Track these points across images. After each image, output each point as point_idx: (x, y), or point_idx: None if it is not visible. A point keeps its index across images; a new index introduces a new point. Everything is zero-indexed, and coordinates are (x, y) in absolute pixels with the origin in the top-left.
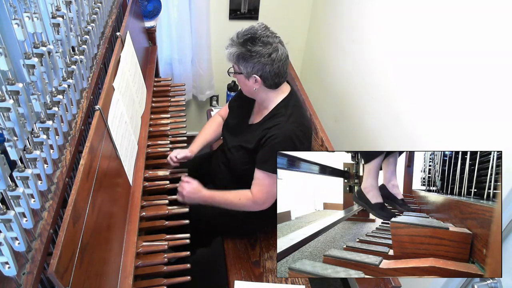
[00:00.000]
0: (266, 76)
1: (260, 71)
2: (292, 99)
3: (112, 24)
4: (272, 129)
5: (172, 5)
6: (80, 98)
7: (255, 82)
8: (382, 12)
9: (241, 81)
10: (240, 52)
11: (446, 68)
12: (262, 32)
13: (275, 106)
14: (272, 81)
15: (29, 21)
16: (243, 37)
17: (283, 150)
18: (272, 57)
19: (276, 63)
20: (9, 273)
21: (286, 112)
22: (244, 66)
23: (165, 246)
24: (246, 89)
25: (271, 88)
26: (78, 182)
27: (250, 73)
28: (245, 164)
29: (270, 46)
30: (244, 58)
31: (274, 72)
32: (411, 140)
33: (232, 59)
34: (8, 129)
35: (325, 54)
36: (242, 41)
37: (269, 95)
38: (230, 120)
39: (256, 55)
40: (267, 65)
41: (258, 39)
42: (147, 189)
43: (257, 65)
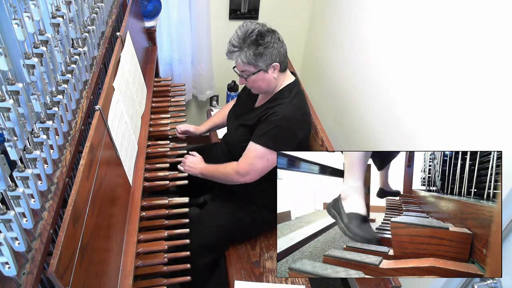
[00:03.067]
0: (282, 60)
1: (277, 56)
2: (296, 87)
3: (112, 24)
4: (274, 108)
5: (172, 5)
6: (80, 98)
7: (274, 70)
8: (381, 12)
9: (260, 79)
10: (255, 49)
11: (446, 68)
12: (261, 26)
13: (280, 89)
14: (285, 62)
15: (29, 21)
16: (250, 37)
17: (279, 128)
18: (281, 39)
19: (284, 44)
20: (9, 273)
21: (289, 96)
22: (262, 60)
23: (165, 246)
24: (265, 84)
25: (284, 71)
26: (78, 182)
27: (269, 64)
28: (242, 141)
29: (274, 33)
30: (260, 53)
31: (285, 51)
32: (411, 140)
33: (250, 60)
34: (8, 129)
35: (325, 54)
36: (254, 39)
37: (280, 80)
38: (236, 106)
39: (270, 45)
40: (281, 48)
41: (263, 33)
42: (147, 189)
43: (274, 52)
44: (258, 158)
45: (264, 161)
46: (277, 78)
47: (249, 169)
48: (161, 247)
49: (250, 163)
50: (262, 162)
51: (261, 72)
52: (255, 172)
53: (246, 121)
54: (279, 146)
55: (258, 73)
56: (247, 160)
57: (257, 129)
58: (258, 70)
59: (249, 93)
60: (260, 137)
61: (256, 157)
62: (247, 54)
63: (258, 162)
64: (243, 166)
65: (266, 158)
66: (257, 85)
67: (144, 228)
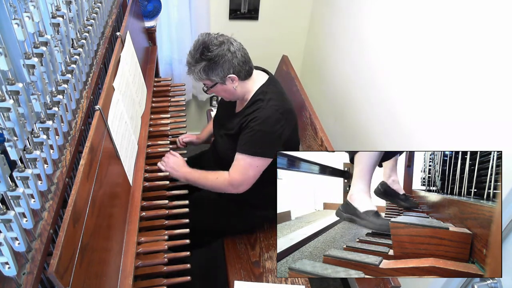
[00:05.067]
0: (238, 70)
1: (231, 68)
2: (270, 85)
3: (112, 24)
4: (252, 114)
5: (172, 5)
6: (80, 98)
7: (232, 82)
8: (381, 12)
9: (220, 90)
10: (204, 65)
11: (446, 68)
12: (208, 38)
13: (254, 93)
14: (244, 71)
15: (29, 21)
16: (197, 52)
17: (262, 132)
18: (232, 49)
19: (238, 52)
20: (9, 273)
21: (265, 97)
22: (215, 74)
23: (165, 246)
24: (228, 94)
25: (246, 79)
26: (78, 182)
27: (223, 76)
28: (230, 152)
29: (223, 44)
30: (210, 67)
31: (241, 61)
32: (411, 140)
33: (201, 75)
34: (8, 129)
35: (325, 54)
36: (199, 55)
37: (246, 87)
38: (219, 113)
39: (219, 58)
40: (234, 59)
41: (210, 45)
42: (147, 189)
43: (226, 65)
44: (249, 167)
45: (254, 168)
46: (242, 86)
47: (241, 179)
48: (161, 247)
49: (241, 173)
50: (253, 170)
51: (218, 84)
52: (248, 181)
53: (228, 130)
54: (266, 150)
55: (215, 86)
56: (238, 170)
57: (241, 138)
58: (214, 84)
59: None
60: (245, 146)
61: (246, 166)
62: (197, 71)
63: (250, 171)
64: (236, 177)
65: (256, 165)
66: (221, 95)
67: (144, 228)
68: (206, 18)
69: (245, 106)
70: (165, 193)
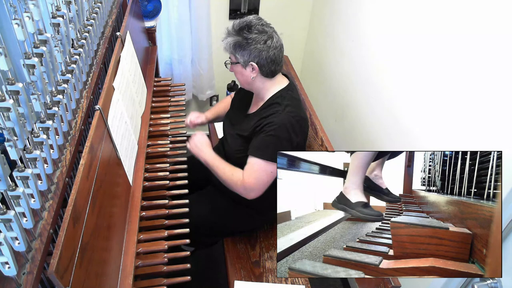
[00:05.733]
0: (263, 63)
1: (256, 58)
2: (290, 91)
3: (112, 24)
4: (268, 118)
5: (172, 5)
6: (80, 98)
7: (252, 70)
8: (381, 12)
9: (239, 72)
10: (237, 40)
11: (446, 68)
12: (257, 21)
13: (272, 96)
14: (268, 69)
15: (29, 21)
16: (239, 25)
17: (277, 138)
18: (268, 43)
19: (272, 50)
20: (9, 273)
21: (283, 102)
22: (241, 54)
23: (165, 246)
24: (243, 80)
25: (267, 77)
26: (78, 182)
27: (247, 61)
28: (239, 152)
29: (265, 34)
30: (240, 46)
31: (270, 58)
32: (411, 140)
33: (229, 48)
34: (8, 129)
35: (325, 54)
36: (238, 29)
37: (265, 85)
38: (231, 112)
39: (252, 42)
40: (263, 51)
41: (253, 27)
42: (147, 189)
43: (254, 52)
44: (263, 172)
45: (269, 174)
46: (261, 82)
47: (255, 183)
48: (161, 247)
49: (255, 178)
50: (267, 176)
51: (239, 65)
52: (261, 186)
53: (241, 131)
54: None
55: (236, 65)
56: (252, 175)
57: (255, 141)
58: (236, 62)
59: (241, 98)
60: (259, 150)
61: (259, 171)
62: (228, 41)
63: (263, 176)
64: (249, 181)
65: (270, 171)
66: (237, 77)
67: (144, 228)
68: (206, 18)
69: (260, 107)
70: (165, 193)
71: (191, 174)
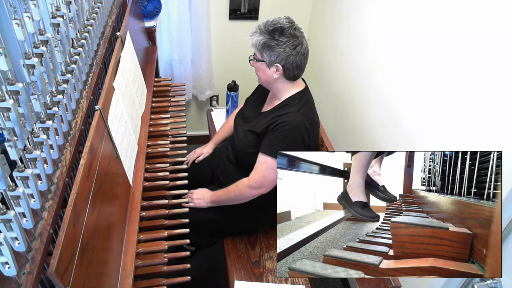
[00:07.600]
0: (288, 67)
1: (283, 60)
2: (305, 95)
3: (112, 24)
4: (282, 117)
5: (172, 5)
6: (80, 98)
7: (276, 71)
8: (381, 12)
9: (261, 69)
10: (267, 40)
11: (446, 68)
12: (290, 25)
13: (288, 97)
14: (292, 73)
15: (29, 21)
16: (272, 26)
17: (290, 138)
18: (297, 49)
19: (299, 56)
20: (9, 273)
21: (298, 104)
22: (268, 54)
23: (165, 246)
24: (264, 78)
25: (289, 80)
26: (78, 182)
27: (273, 61)
28: (250, 148)
29: (296, 39)
30: (269, 46)
31: (296, 64)
32: (411, 140)
33: (258, 46)
34: (8, 129)
35: (325, 54)
36: (271, 30)
37: (285, 86)
38: (244, 109)
39: (282, 45)
40: (291, 56)
41: (286, 30)
42: (147, 189)
43: (282, 55)
44: (271, 170)
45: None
46: (281, 83)
47: (261, 181)
48: (161, 247)
49: (262, 175)
50: (274, 173)
51: (264, 64)
52: (268, 183)
53: (254, 127)
54: None
55: (261, 62)
56: (259, 172)
57: (267, 139)
58: (261, 61)
59: (257, 97)
60: (271, 148)
61: (268, 169)
62: (258, 39)
63: (271, 174)
64: (255, 179)
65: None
66: (258, 74)
67: (144, 228)
68: (206, 18)
69: (276, 106)
70: (165, 193)
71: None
